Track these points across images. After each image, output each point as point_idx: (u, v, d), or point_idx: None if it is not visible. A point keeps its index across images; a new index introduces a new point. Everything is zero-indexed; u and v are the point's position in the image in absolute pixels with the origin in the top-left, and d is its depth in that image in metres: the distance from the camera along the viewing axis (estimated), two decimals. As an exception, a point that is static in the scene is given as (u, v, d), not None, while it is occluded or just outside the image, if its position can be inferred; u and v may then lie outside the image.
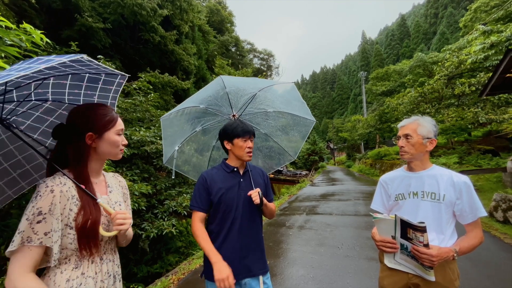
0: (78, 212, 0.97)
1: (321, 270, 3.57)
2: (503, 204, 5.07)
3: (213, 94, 2.02)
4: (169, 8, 14.22)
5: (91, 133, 1.03)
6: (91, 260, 1.00)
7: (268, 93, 2.10)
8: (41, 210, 0.88)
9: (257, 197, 1.44)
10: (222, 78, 1.98)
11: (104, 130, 1.05)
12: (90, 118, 1.04)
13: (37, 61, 0.77)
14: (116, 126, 1.09)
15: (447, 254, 1.22)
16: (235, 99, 2.01)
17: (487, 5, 23.51)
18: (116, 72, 1.15)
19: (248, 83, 2.20)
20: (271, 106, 2.13)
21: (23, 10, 9.72)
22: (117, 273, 1.11)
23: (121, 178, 1.32)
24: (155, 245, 5.83)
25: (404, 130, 1.45)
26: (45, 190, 0.91)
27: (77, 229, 0.95)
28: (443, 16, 65.53)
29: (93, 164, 1.09)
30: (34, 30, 1.85)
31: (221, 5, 32.57)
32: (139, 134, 5.21)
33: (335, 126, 49.98)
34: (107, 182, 1.18)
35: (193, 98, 2.09)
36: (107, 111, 1.08)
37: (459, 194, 1.33)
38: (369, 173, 19.79)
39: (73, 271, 0.94)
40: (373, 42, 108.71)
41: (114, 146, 1.09)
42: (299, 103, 2.16)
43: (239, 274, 1.46)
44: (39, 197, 0.89)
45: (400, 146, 1.45)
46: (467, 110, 12.11)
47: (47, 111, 1.21)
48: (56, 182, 0.95)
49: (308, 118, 2.15)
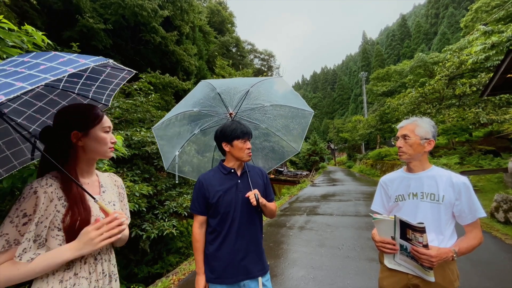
0: (66, 213, 0.95)
1: (322, 271, 3.57)
2: (504, 205, 5.06)
3: (204, 96, 2.02)
4: (170, 9, 14.27)
5: (76, 131, 1.02)
6: (84, 260, 0.98)
7: (261, 88, 2.10)
8: (26, 212, 0.88)
9: (254, 198, 1.43)
10: (208, 81, 2.00)
11: (90, 127, 1.04)
12: (74, 116, 1.03)
13: (56, 59, 0.75)
14: (102, 123, 1.07)
15: (446, 255, 1.22)
16: (228, 98, 2.02)
17: (488, 5, 23.45)
18: (124, 68, 1.14)
19: (237, 82, 2.22)
20: (267, 100, 2.13)
21: (24, 11, 9.77)
22: (113, 273, 1.10)
23: (117, 178, 1.30)
24: (155, 246, 5.84)
25: (402, 130, 1.46)
26: (28, 192, 0.91)
27: (65, 230, 0.94)
28: (444, 16, 65.48)
29: (83, 164, 1.08)
30: (36, 31, 1.86)
31: (222, 6, 32.66)
32: (139, 135, 5.22)
33: (336, 127, 50.00)
34: (101, 182, 1.17)
35: (182, 104, 2.09)
36: (92, 109, 1.07)
37: (458, 194, 1.33)
38: (370, 173, 19.75)
39: (65, 272, 0.94)
40: (373, 43, 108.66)
41: (102, 143, 1.07)
42: (294, 96, 2.17)
43: (238, 276, 1.46)
44: (22, 199, 0.90)
45: (398, 147, 1.46)
46: (468, 111, 12.08)
47: (36, 95, 1.16)
48: (41, 184, 0.94)
49: (305, 109, 2.16)
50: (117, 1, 11.75)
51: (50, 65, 0.73)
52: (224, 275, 1.46)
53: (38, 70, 0.70)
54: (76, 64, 0.74)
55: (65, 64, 0.74)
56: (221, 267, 1.46)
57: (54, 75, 0.68)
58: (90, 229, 0.93)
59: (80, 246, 0.91)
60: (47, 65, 0.73)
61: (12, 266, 0.84)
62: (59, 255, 0.89)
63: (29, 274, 0.85)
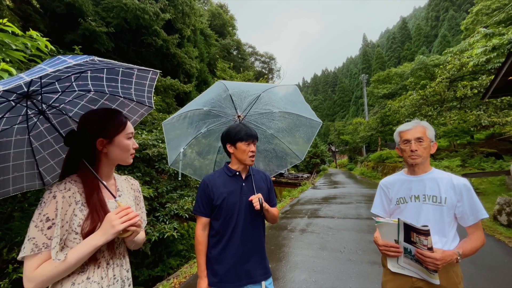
0: (86, 218, 0.97)
1: (323, 274, 3.55)
2: (507, 208, 5.02)
3: (216, 96, 2.03)
4: (171, 12, 14.37)
5: (102, 139, 1.03)
6: (97, 265, 1.00)
7: (272, 95, 2.11)
8: (49, 216, 0.90)
9: (257, 202, 1.42)
10: (223, 82, 2.00)
11: (114, 134, 1.05)
12: (100, 123, 1.04)
13: (62, 62, 0.80)
14: (126, 130, 1.09)
15: (451, 257, 1.22)
16: (238, 100, 2.02)
17: (489, 7, 23.52)
18: (148, 69, 1.19)
19: (250, 86, 2.22)
20: (276, 107, 2.13)
21: (27, 15, 9.86)
22: (126, 278, 1.11)
23: (134, 181, 1.31)
24: (156, 248, 5.81)
25: (415, 133, 1.41)
26: (48, 196, 0.93)
27: (83, 235, 0.95)
28: (444, 19, 65.68)
29: (103, 168, 1.09)
30: (40, 37, 1.89)
31: (223, 9, 32.88)
32: (141, 138, 5.23)
33: (337, 129, 49.99)
34: (118, 185, 1.18)
35: (195, 102, 2.11)
36: (117, 116, 1.09)
37: (459, 196, 1.33)
38: (371, 176, 19.71)
39: (79, 275, 0.95)
40: (374, 45, 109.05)
41: (125, 150, 1.09)
42: (303, 105, 2.17)
43: (241, 279, 1.45)
44: (43, 204, 0.92)
45: (413, 150, 1.39)
46: (469, 113, 12.08)
47: (90, 100, 1.27)
48: (60, 188, 0.96)
49: (314, 119, 2.16)
50: (119, 4, 11.83)
51: (56, 63, 0.79)
52: (226, 279, 1.44)
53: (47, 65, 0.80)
54: (55, 62, 0.79)
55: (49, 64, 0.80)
56: (224, 270, 1.45)
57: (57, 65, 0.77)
58: (110, 214, 0.96)
59: (104, 231, 0.94)
60: (54, 63, 0.80)
61: (50, 266, 0.88)
62: (88, 244, 0.93)
63: (67, 268, 0.90)
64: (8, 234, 2.88)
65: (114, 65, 1.02)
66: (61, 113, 1.24)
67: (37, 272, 0.87)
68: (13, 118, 1.10)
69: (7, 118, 1.07)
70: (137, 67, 1.13)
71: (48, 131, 1.26)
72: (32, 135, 1.21)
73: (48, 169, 1.33)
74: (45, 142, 1.27)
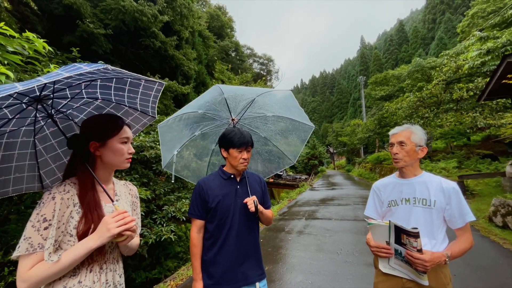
0: (80, 220, 0.98)
1: (320, 276, 3.56)
2: (502, 209, 5.07)
3: (211, 99, 2.06)
4: (170, 14, 14.38)
5: (94, 141, 1.06)
6: (90, 269, 1.00)
7: (267, 99, 2.14)
8: (46, 217, 0.92)
9: (252, 205, 1.44)
10: (220, 85, 2.03)
11: (107, 137, 1.07)
12: (94, 126, 1.07)
13: (77, 69, 0.84)
14: (120, 134, 1.10)
15: (439, 259, 1.24)
16: (233, 104, 2.05)
17: (484, 11, 23.81)
18: (155, 80, 1.24)
19: (245, 90, 2.25)
20: (270, 111, 2.16)
21: (25, 17, 9.85)
22: (119, 283, 1.12)
23: (132, 187, 1.32)
24: (153, 251, 5.80)
25: (398, 137, 1.47)
26: (47, 197, 0.95)
27: (78, 237, 0.97)
28: (441, 21, 66.27)
29: (100, 172, 1.11)
30: (37, 39, 1.90)
31: (221, 11, 32.97)
32: (138, 139, 5.24)
33: (335, 130, 50.04)
34: (116, 190, 1.19)
35: (191, 105, 2.13)
36: (113, 120, 1.11)
37: (448, 199, 1.36)
38: (368, 177, 19.75)
39: (70, 278, 0.96)
40: (372, 47, 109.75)
41: (118, 154, 1.09)
42: (297, 110, 2.20)
43: (236, 281, 1.47)
44: (42, 204, 0.94)
45: (394, 153, 1.47)
46: (465, 115, 12.19)
47: (97, 107, 1.31)
48: (59, 189, 0.98)
49: (306, 123, 2.19)
50: (118, 6, 11.84)
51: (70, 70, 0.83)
52: (222, 281, 1.46)
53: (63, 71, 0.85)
54: (71, 69, 0.83)
55: (65, 70, 0.84)
56: (220, 273, 1.46)
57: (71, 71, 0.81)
58: (107, 218, 0.97)
59: (99, 234, 0.95)
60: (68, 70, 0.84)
61: (44, 267, 0.89)
62: (83, 246, 0.94)
63: (60, 270, 0.90)
64: (4, 237, 2.87)
65: (124, 75, 1.06)
66: (68, 119, 1.28)
67: (31, 272, 0.88)
68: (22, 120, 1.13)
69: (17, 119, 1.10)
70: (144, 77, 1.16)
71: (53, 135, 1.29)
72: (37, 138, 1.24)
73: (49, 172, 1.34)
74: (49, 146, 1.30)
